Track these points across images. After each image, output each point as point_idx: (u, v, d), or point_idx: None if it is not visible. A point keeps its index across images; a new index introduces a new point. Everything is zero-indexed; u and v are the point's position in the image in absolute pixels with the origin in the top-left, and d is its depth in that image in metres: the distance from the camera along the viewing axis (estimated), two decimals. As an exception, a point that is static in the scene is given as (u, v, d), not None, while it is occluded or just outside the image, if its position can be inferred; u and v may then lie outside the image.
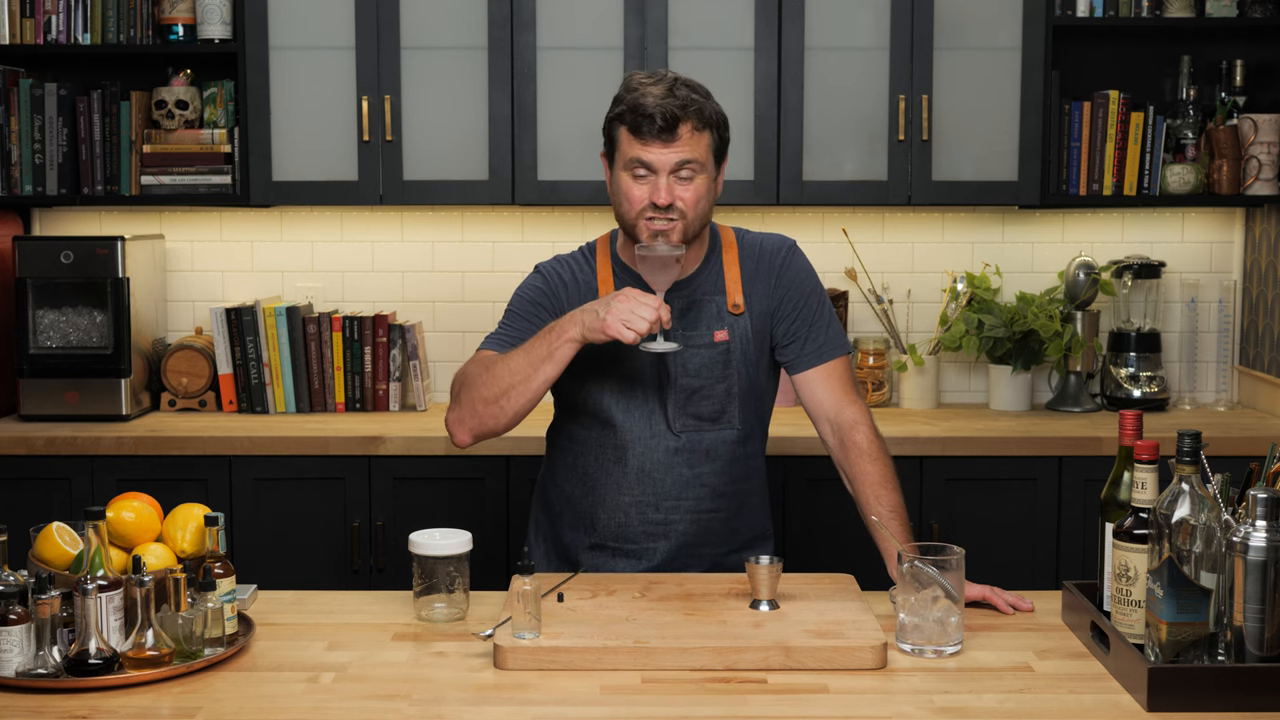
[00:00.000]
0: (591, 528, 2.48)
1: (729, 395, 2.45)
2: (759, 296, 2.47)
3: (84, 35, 3.71)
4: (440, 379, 4.02)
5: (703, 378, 2.43)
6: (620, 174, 2.37)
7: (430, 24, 3.66)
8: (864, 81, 3.68)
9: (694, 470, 2.45)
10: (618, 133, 2.37)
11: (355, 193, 3.70)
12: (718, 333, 2.43)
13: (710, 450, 2.45)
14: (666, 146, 2.32)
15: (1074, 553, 3.48)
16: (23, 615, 1.89)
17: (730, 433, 2.46)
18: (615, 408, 2.43)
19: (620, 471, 2.45)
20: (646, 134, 2.32)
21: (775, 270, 2.48)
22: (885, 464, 2.38)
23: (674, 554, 2.46)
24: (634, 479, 2.44)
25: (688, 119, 2.33)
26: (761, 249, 2.50)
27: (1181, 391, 3.99)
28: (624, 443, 2.44)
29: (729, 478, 2.47)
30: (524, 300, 2.49)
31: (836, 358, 2.47)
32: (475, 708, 1.83)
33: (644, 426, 2.43)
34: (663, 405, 2.43)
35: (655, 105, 2.31)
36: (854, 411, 2.43)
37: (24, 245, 3.65)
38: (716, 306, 2.45)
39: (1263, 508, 1.81)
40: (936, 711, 1.82)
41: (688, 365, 2.42)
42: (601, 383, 2.44)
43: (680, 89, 2.35)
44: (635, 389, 2.43)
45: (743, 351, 2.45)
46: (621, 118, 2.35)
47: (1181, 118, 3.82)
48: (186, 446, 3.47)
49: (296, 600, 2.31)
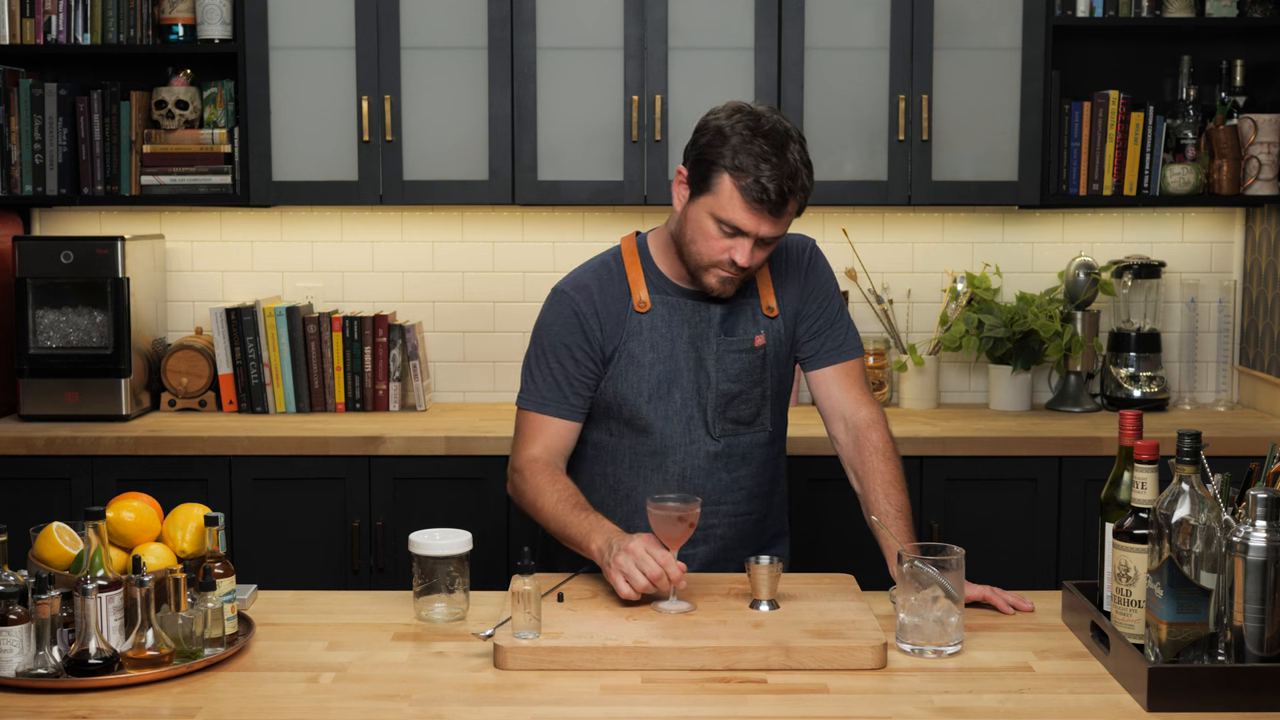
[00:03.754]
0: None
1: (764, 398, 2.45)
2: (789, 297, 2.47)
3: (84, 35, 3.71)
4: (440, 379, 4.02)
5: (742, 382, 2.43)
6: (706, 217, 2.29)
7: (430, 24, 3.66)
8: (864, 81, 3.68)
9: (732, 474, 2.45)
10: (719, 180, 2.26)
11: (355, 193, 3.70)
12: (757, 337, 2.43)
13: (746, 454, 2.46)
14: (771, 218, 2.27)
15: (1074, 553, 3.48)
16: (23, 615, 1.89)
17: (763, 434, 2.47)
18: (653, 414, 2.41)
19: (660, 479, 2.43)
20: (757, 206, 2.25)
21: (803, 269, 2.49)
22: (898, 465, 2.39)
23: (714, 557, 2.45)
24: (675, 485, 2.42)
25: (795, 196, 2.27)
26: (787, 249, 2.50)
27: (1181, 391, 3.99)
28: (662, 449, 2.42)
29: (761, 479, 2.48)
30: (556, 334, 2.41)
31: (854, 358, 2.49)
32: (475, 708, 1.83)
33: (683, 432, 2.42)
34: (702, 410, 2.42)
35: (773, 179, 2.23)
36: (871, 411, 2.45)
37: (24, 245, 3.65)
38: (752, 310, 2.45)
39: (1263, 508, 1.81)
40: (936, 711, 1.82)
41: (728, 370, 2.42)
42: (637, 389, 2.41)
43: (791, 160, 2.25)
44: (673, 394, 2.41)
45: (775, 354, 2.46)
46: (731, 171, 2.25)
47: (1181, 118, 3.82)
48: (186, 446, 3.47)
49: (296, 600, 2.31)
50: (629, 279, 2.43)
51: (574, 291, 2.43)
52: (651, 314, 2.41)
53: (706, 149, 2.28)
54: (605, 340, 2.40)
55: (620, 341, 2.40)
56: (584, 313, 2.40)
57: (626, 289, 2.42)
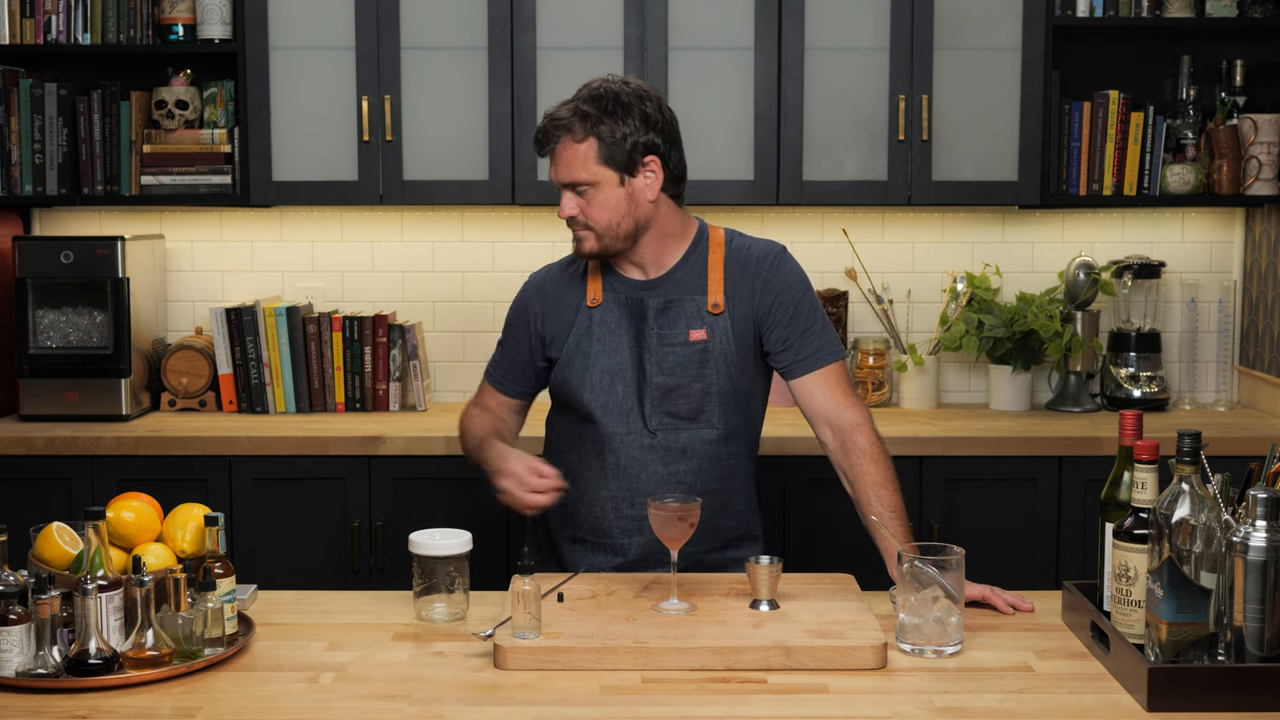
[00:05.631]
0: (572, 520, 2.53)
1: (706, 394, 2.46)
2: (741, 299, 2.47)
3: (84, 35, 3.71)
4: (440, 379, 4.02)
5: (678, 376, 2.45)
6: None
7: (430, 24, 3.66)
8: (864, 81, 3.68)
9: (669, 468, 2.47)
10: None
11: (355, 193, 3.70)
12: (694, 332, 2.45)
13: (687, 449, 2.47)
14: (552, 161, 2.43)
15: (1074, 553, 3.48)
16: (23, 615, 1.89)
17: (709, 432, 2.47)
18: (595, 404, 2.47)
19: (599, 466, 2.49)
20: (541, 155, 2.45)
21: (762, 276, 2.48)
22: (887, 465, 2.39)
23: (648, 549, 2.47)
24: (610, 474, 2.48)
25: (561, 131, 2.40)
26: (749, 253, 2.51)
27: (1181, 391, 3.99)
28: (603, 438, 2.48)
29: (708, 476, 2.48)
30: (510, 318, 2.62)
31: (832, 363, 2.48)
32: (475, 708, 1.83)
33: (621, 423, 2.47)
34: (640, 403, 2.46)
35: (541, 122, 2.43)
36: (855, 414, 2.44)
37: (24, 245, 3.65)
38: (696, 305, 2.47)
39: (1263, 508, 1.81)
40: (936, 711, 1.82)
41: (663, 363, 2.45)
42: (584, 379, 2.48)
43: (575, 103, 2.43)
44: (615, 386, 2.47)
45: (723, 351, 2.46)
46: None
47: (1181, 118, 3.82)
48: (186, 446, 3.47)
49: (296, 600, 2.31)
50: (589, 276, 2.52)
51: (532, 283, 2.61)
52: (601, 309, 2.49)
53: None
54: (546, 331, 2.53)
55: (570, 335, 2.50)
56: (532, 303, 2.57)
57: (584, 285, 2.52)
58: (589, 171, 2.38)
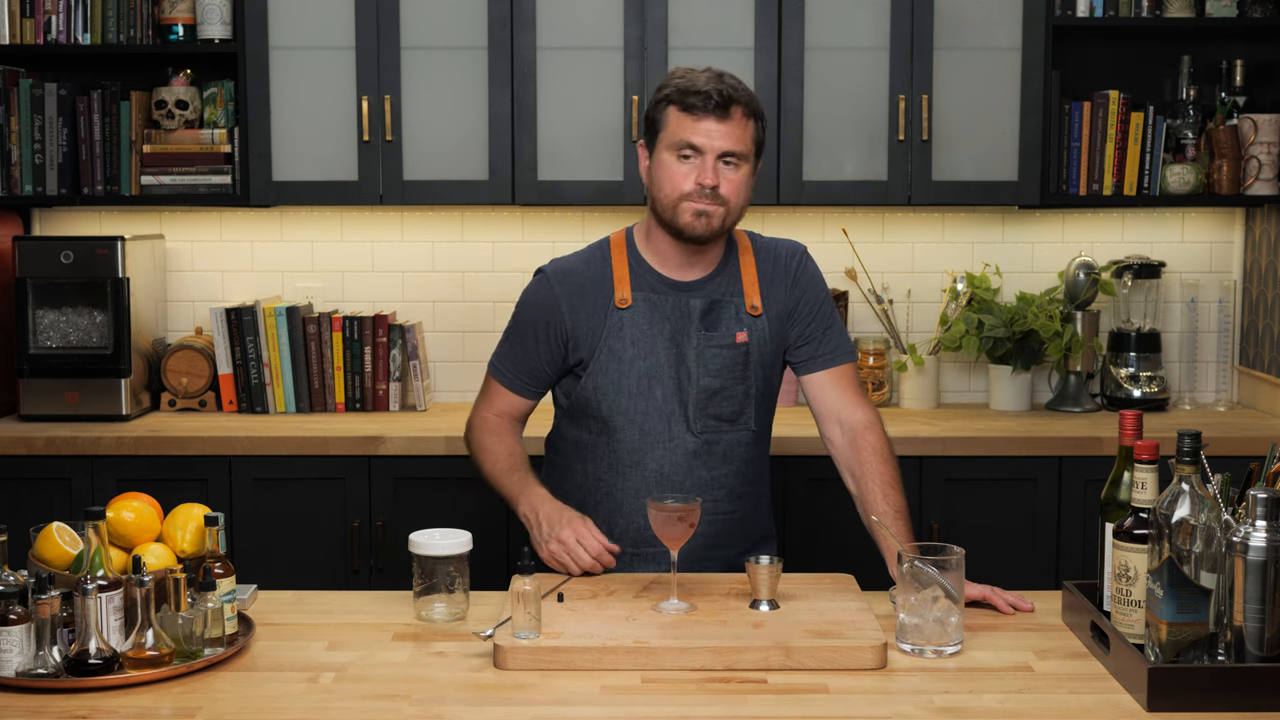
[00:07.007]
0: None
1: (747, 396, 2.45)
2: (775, 299, 2.47)
3: (84, 35, 3.71)
4: (440, 379, 4.02)
5: (724, 378, 2.43)
6: (663, 154, 2.37)
7: (430, 24, 3.66)
8: (864, 81, 3.68)
9: (713, 473, 2.45)
10: (664, 114, 2.37)
11: (355, 193, 3.70)
12: (739, 334, 2.43)
13: (728, 452, 2.46)
14: (719, 123, 2.33)
15: (1074, 553, 3.48)
16: (23, 615, 1.89)
17: (746, 434, 2.47)
18: (634, 410, 2.42)
19: (638, 476, 2.44)
20: (700, 111, 2.32)
21: (791, 274, 2.49)
22: (895, 467, 2.40)
23: (696, 555, 2.44)
24: (654, 483, 2.43)
25: (739, 103, 2.34)
26: (776, 253, 2.51)
27: (1181, 391, 3.99)
28: (641, 446, 2.43)
29: (744, 479, 2.48)
30: (527, 314, 2.49)
31: (848, 361, 2.50)
32: (475, 708, 1.83)
33: (663, 429, 2.42)
34: (683, 405, 2.43)
35: (709, 84, 2.33)
36: (867, 414, 2.45)
37: (24, 245, 3.65)
38: (735, 308, 2.45)
39: (1263, 508, 1.81)
40: (936, 711, 1.82)
41: (709, 365, 2.42)
42: (618, 385, 2.42)
43: (729, 78, 2.37)
44: (654, 390, 2.42)
45: (760, 354, 2.46)
46: (671, 98, 2.35)
47: (1181, 118, 3.82)
48: (186, 446, 3.47)
49: (296, 600, 2.31)
50: (614, 273, 2.45)
51: (555, 277, 2.47)
52: (632, 310, 2.42)
53: (651, 108, 2.41)
54: (574, 332, 2.43)
55: (600, 338, 2.42)
56: (558, 300, 2.44)
57: (610, 284, 2.44)
58: (746, 146, 2.36)
